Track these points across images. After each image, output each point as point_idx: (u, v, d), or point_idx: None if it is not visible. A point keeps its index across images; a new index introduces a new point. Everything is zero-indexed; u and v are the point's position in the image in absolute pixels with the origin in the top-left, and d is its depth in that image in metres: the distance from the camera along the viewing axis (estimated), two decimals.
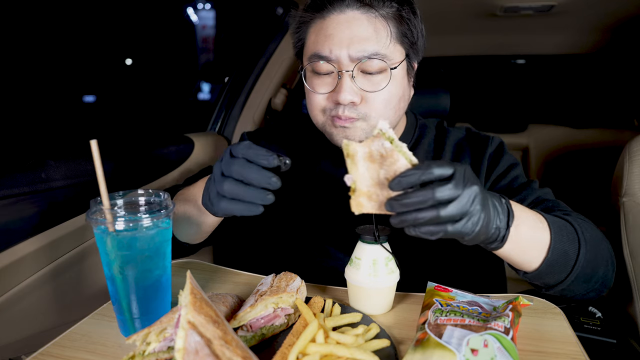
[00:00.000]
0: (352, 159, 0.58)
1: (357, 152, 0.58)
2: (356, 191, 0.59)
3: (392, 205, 0.55)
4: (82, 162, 1.13)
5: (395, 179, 0.55)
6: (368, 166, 0.58)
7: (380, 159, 0.57)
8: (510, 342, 0.56)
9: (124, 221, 0.62)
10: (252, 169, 0.63)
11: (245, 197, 0.64)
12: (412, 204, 0.54)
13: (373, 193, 0.58)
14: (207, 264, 0.95)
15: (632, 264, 1.05)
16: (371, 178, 0.58)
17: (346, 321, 0.67)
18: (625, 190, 1.07)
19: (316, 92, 0.87)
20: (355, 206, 0.59)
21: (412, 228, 0.56)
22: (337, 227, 0.97)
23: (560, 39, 2.20)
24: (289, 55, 1.97)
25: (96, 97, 8.12)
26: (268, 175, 0.63)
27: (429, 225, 0.55)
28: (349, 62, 0.83)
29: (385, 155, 0.56)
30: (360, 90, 0.84)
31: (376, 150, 0.57)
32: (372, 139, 0.57)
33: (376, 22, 0.83)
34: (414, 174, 0.54)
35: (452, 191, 0.54)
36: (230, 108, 2.03)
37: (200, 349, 0.47)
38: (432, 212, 0.54)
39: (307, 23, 0.90)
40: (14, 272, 0.94)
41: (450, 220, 0.55)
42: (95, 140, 0.63)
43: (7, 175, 0.97)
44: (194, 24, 11.02)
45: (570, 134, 2.52)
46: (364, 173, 0.58)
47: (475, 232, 0.58)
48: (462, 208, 0.55)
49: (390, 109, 0.87)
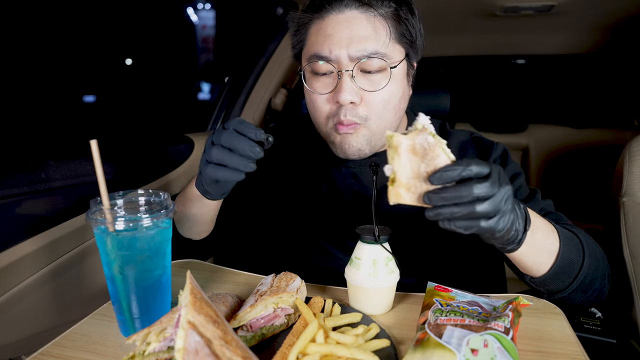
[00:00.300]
0: (395, 150, 0.59)
1: (401, 143, 0.59)
2: (396, 182, 0.60)
3: (431, 198, 0.57)
4: (82, 162, 1.13)
5: (437, 173, 0.57)
6: (410, 158, 0.59)
7: (422, 153, 0.58)
8: (510, 342, 0.56)
9: (124, 221, 0.62)
10: (240, 138, 0.68)
11: (230, 162, 0.70)
12: (450, 198, 0.56)
13: (412, 185, 0.60)
14: (207, 264, 0.95)
15: (632, 264, 1.05)
16: (412, 170, 0.59)
17: (346, 321, 0.67)
18: (625, 190, 1.07)
19: (316, 93, 0.87)
20: (394, 196, 0.60)
21: (446, 222, 0.58)
22: (337, 227, 0.97)
23: (560, 39, 2.20)
24: (289, 55, 1.96)
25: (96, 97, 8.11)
26: (252, 144, 0.68)
27: (463, 220, 0.58)
28: (349, 61, 0.83)
29: (428, 149, 0.58)
30: (360, 90, 0.84)
31: (419, 144, 0.58)
32: (417, 132, 0.58)
33: (375, 22, 0.83)
34: (455, 170, 0.56)
35: (489, 189, 0.56)
36: (230, 108, 2.03)
37: (200, 349, 0.47)
38: (469, 208, 0.56)
39: (306, 24, 0.90)
40: (14, 272, 0.94)
41: (485, 216, 0.57)
42: (95, 140, 0.63)
43: (7, 175, 0.97)
44: (194, 24, 11.02)
45: (571, 134, 2.52)
46: (406, 165, 0.59)
47: (505, 229, 0.61)
48: (497, 206, 0.57)
49: (390, 109, 0.87)
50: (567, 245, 0.76)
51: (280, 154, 1.07)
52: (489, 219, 0.58)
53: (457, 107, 1.90)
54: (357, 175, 0.98)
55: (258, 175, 1.08)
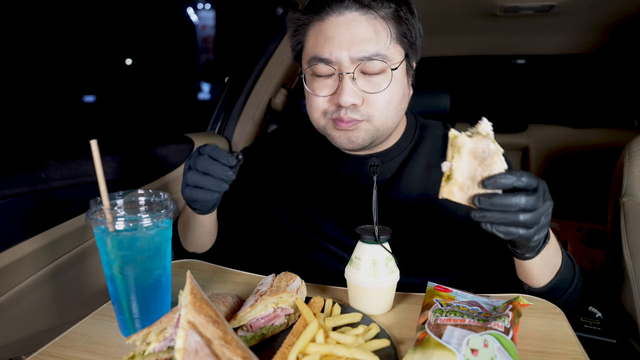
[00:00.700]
0: (457, 150, 0.62)
1: (465, 145, 0.62)
2: (452, 179, 0.63)
3: (482, 202, 0.61)
4: (82, 162, 1.13)
5: (492, 179, 0.60)
6: (470, 161, 0.62)
7: (482, 158, 0.61)
8: (510, 342, 0.56)
9: (124, 221, 0.62)
10: (214, 163, 0.75)
11: (205, 184, 0.76)
12: (500, 205, 0.60)
13: (465, 185, 0.62)
14: (207, 264, 0.95)
15: (632, 264, 1.05)
16: (469, 172, 0.62)
17: (346, 321, 0.67)
18: (625, 190, 1.07)
19: (317, 95, 0.87)
20: (447, 192, 0.63)
21: (489, 225, 0.62)
22: (337, 227, 0.97)
23: (560, 39, 2.20)
24: (289, 55, 1.96)
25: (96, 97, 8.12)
26: (225, 169, 0.75)
27: (505, 226, 0.62)
28: (350, 63, 0.82)
29: (488, 155, 0.61)
30: (361, 92, 0.84)
31: (481, 149, 0.61)
32: (481, 137, 0.62)
33: (376, 23, 0.83)
34: (510, 178, 0.60)
35: (534, 202, 0.60)
36: (230, 108, 2.03)
37: (200, 349, 0.47)
38: (513, 216, 0.60)
39: (305, 26, 0.89)
40: (14, 272, 0.94)
41: (525, 226, 0.61)
42: (95, 140, 0.63)
43: (7, 175, 0.97)
44: (194, 24, 11.03)
45: (571, 134, 2.52)
46: (464, 166, 0.62)
47: (539, 240, 0.66)
48: (538, 219, 0.62)
49: (392, 109, 0.87)
50: (566, 263, 0.82)
51: (280, 155, 1.07)
52: (528, 229, 0.62)
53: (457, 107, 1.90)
54: (357, 175, 0.97)
55: (258, 175, 1.08)
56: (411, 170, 0.96)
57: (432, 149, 1.00)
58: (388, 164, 0.97)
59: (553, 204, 0.65)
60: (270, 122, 2.20)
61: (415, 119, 1.05)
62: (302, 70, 0.90)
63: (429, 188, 0.95)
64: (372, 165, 0.78)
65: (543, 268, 0.78)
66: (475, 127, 0.63)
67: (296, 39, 0.92)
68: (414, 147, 1.00)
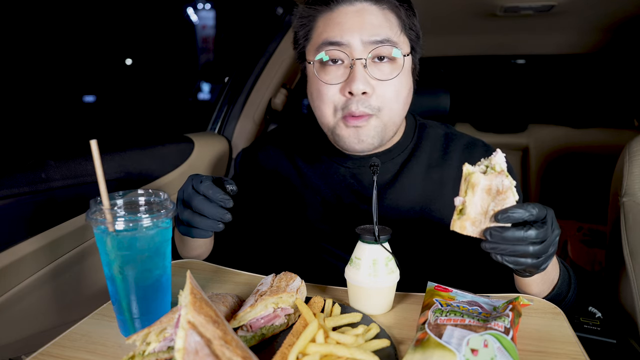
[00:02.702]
0: (472, 187, 0.63)
1: (479, 183, 0.62)
2: (465, 215, 0.64)
3: (494, 236, 0.62)
4: (82, 162, 1.13)
5: (505, 214, 0.61)
6: (483, 197, 0.63)
7: (495, 193, 0.62)
8: (510, 342, 0.56)
9: (124, 221, 0.62)
10: (210, 206, 0.74)
11: (201, 225, 0.75)
12: (511, 239, 0.61)
13: (477, 220, 0.64)
14: (207, 264, 0.95)
15: (632, 264, 1.05)
16: (481, 207, 0.63)
17: (346, 321, 0.67)
18: (625, 190, 1.07)
19: (327, 83, 0.85)
20: (459, 227, 0.64)
21: (499, 255, 0.63)
22: (337, 226, 0.97)
23: (560, 39, 2.20)
24: (289, 55, 1.97)
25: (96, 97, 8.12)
26: (222, 212, 0.74)
27: (516, 257, 0.63)
28: (362, 47, 0.82)
29: (502, 191, 0.62)
30: (372, 80, 0.84)
31: (495, 185, 0.62)
32: (495, 174, 0.62)
33: (386, 12, 0.85)
34: (521, 213, 0.61)
35: (545, 234, 0.62)
36: (230, 108, 2.03)
37: (200, 349, 0.47)
38: (524, 248, 0.62)
39: (313, 17, 0.89)
40: (14, 272, 0.94)
41: (534, 255, 0.63)
42: (95, 140, 0.63)
43: (7, 175, 0.97)
44: (194, 24, 11.02)
45: (571, 134, 2.52)
46: (477, 202, 0.63)
47: (545, 267, 0.67)
48: (547, 249, 0.63)
49: (400, 101, 0.87)
50: (563, 277, 0.83)
51: (280, 154, 1.07)
52: (537, 259, 0.63)
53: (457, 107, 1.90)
54: (357, 175, 0.97)
55: (257, 176, 1.08)
56: (411, 170, 0.96)
57: (432, 149, 1.00)
58: (388, 164, 0.97)
59: (560, 232, 0.66)
60: (270, 122, 2.20)
61: (415, 119, 1.05)
62: (309, 62, 0.89)
63: (428, 188, 0.95)
64: (372, 165, 0.78)
65: (541, 284, 0.79)
66: (489, 160, 0.64)
67: (303, 31, 0.91)
68: (414, 147, 1.00)
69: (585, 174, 2.42)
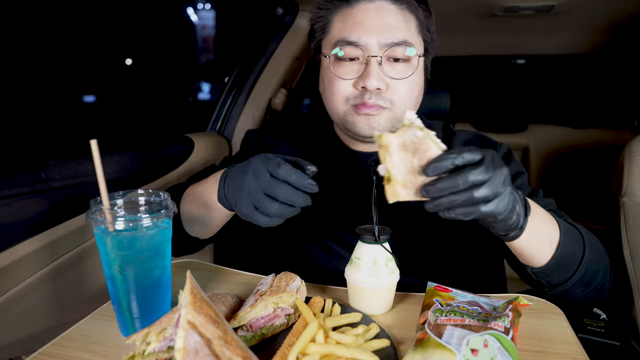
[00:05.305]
0: (386, 149, 0.60)
1: (391, 142, 0.59)
2: (392, 180, 0.60)
3: (429, 191, 0.58)
4: (82, 162, 1.13)
5: (431, 165, 0.57)
6: (402, 155, 0.60)
7: (413, 148, 0.59)
8: (510, 342, 0.56)
9: (123, 221, 0.62)
10: (297, 195, 0.67)
11: (284, 213, 0.68)
12: (447, 188, 0.56)
13: (408, 181, 0.60)
14: (207, 264, 0.95)
15: (632, 264, 1.04)
16: (405, 166, 0.60)
17: (346, 321, 0.67)
18: (625, 190, 1.07)
19: (342, 79, 0.86)
20: (392, 195, 0.61)
21: (446, 211, 0.59)
22: (337, 227, 0.97)
23: (560, 39, 2.20)
24: (289, 55, 1.96)
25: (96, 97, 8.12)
26: (307, 198, 0.68)
27: (463, 207, 0.58)
28: (378, 48, 0.83)
29: (418, 143, 0.59)
30: (386, 78, 0.84)
31: (409, 140, 0.59)
32: (404, 129, 0.59)
33: (405, 13, 0.86)
34: (448, 159, 0.57)
35: (484, 174, 0.56)
36: (230, 108, 2.03)
37: (200, 349, 0.47)
38: (467, 194, 0.57)
39: (331, 11, 0.89)
40: (14, 272, 0.94)
41: (484, 200, 0.58)
42: (95, 140, 0.63)
43: (7, 175, 0.97)
44: (194, 24, 11.02)
45: (571, 134, 2.52)
46: (399, 162, 0.60)
47: (506, 212, 0.61)
48: (494, 189, 0.58)
49: (413, 99, 0.88)
50: (568, 235, 0.76)
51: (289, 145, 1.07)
52: (488, 203, 0.58)
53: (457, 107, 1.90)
54: (358, 174, 0.97)
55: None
56: None
57: None
58: None
59: (509, 170, 0.60)
60: (270, 122, 2.20)
61: (421, 119, 1.06)
62: (324, 55, 0.90)
63: None
64: (372, 164, 0.78)
65: (537, 243, 0.73)
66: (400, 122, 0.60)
67: (319, 24, 0.92)
68: None
69: (585, 174, 2.42)
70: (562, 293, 0.79)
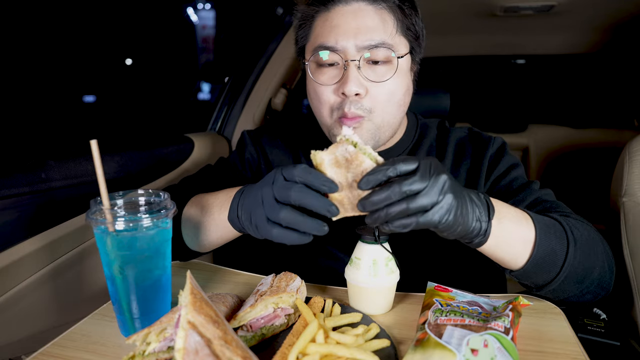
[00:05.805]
0: (320, 167, 0.60)
1: (323, 160, 0.60)
2: (329, 198, 0.61)
3: (364, 205, 0.57)
4: (82, 162, 1.13)
5: (363, 178, 0.57)
6: (335, 171, 0.60)
7: (346, 163, 0.59)
8: (510, 342, 0.56)
9: (124, 221, 0.62)
10: (313, 195, 0.60)
11: (303, 226, 0.61)
12: (381, 201, 0.56)
13: (345, 197, 0.60)
14: (207, 264, 0.95)
15: (632, 264, 1.04)
16: (339, 183, 0.60)
17: (346, 321, 0.67)
18: (625, 190, 1.07)
19: (322, 84, 0.86)
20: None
21: (384, 225, 0.57)
22: (337, 227, 0.97)
23: (560, 39, 2.20)
24: (289, 55, 1.97)
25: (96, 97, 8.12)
26: (328, 202, 0.60)
27: (400, 219, 0.57)
28: (355, 52, 0.82)
29: (350, 158, 0.59)
30: (365, 81, 0.83)
31: (341, 155, 0.59)
32: (336, 145, 0.60)
33: (382, 13, 0.84)
34: (380, 171, 0.56)
35: (418, 183, 0.55)
36: (231, 108, 2.03)
37: (200, 349, 0.47)
38: (402, 206, 0.55)
39: (311, 16, 0.89)
40: (14, 272, 0.94)
41: (420, 210, 0.56)
42: (95, 140, 0.63)
43: (7, 175, 0.97)
44: (194, 24, 11.03)
45: (571, 134, 2.52)
46: (333, 179, 0.60)
47: (448, 221, 0.58)
48: (431, 198, 0.56)
49: (394, 102, 0.86)
50: (546, 233, 0.71)
51: (284, 146, 1.07)
52: (425, 212, 0.56)
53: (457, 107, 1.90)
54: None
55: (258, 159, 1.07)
56: None
57: (430, 147, 1.00)
58: None
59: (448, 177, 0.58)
60: (270, 122, 2.20)
61: (416, 118, 1.05)
62: (306, 60, 0.89)
63: None
64: None
65: (508, 247, 0.69)
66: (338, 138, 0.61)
67: (302, 31, 0.91)
68: (414, 146, 1.00)
69: (585, 174, 2.42)
70: (552, 293, 0.76)
